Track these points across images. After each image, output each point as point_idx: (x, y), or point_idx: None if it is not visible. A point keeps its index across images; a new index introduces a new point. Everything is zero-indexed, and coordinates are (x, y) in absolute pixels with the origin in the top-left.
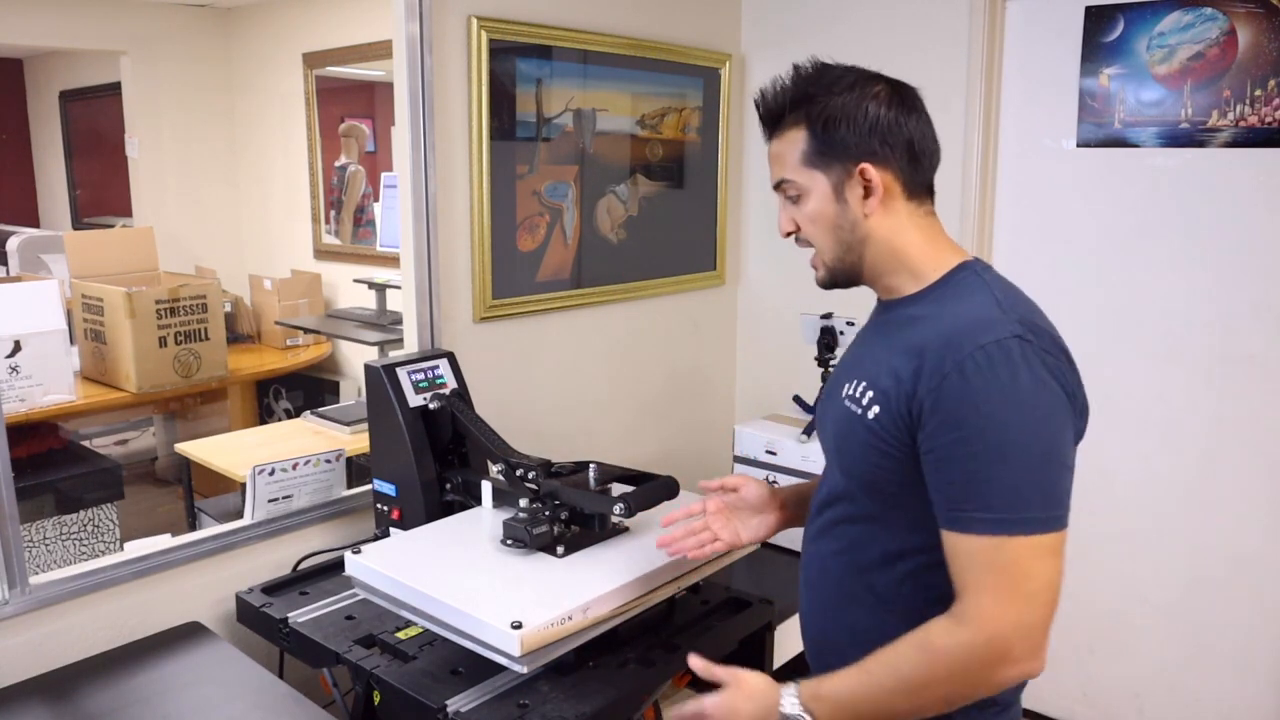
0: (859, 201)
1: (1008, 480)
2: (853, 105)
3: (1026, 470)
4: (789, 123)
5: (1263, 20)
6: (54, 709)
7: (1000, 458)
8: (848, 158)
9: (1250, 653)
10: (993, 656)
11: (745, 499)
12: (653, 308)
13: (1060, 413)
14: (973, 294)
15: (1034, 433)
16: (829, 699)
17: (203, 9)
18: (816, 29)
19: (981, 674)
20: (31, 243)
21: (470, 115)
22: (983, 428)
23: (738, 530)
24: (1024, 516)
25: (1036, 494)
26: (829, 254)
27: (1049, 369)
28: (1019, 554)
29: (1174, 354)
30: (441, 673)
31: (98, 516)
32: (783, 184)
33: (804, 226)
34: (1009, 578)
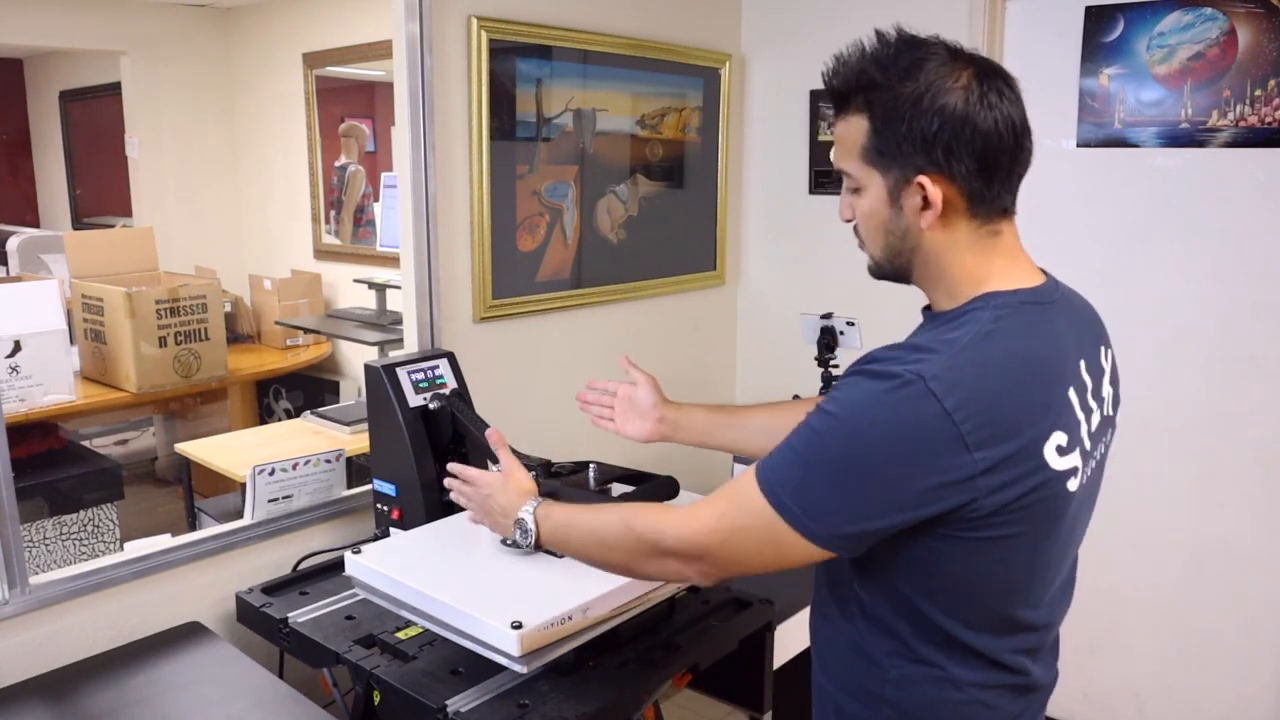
0: (915, 212)
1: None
2: (919, 101)
3: (814, 469)
4: (854, 106)
5: (1263, 20)
6: (54, 709)
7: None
8: (906, 164)
9: (1250, 653)
10: (672, 553)
11: (635, 397)
12: (653, 308)
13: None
14: (959, 328)
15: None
16: (553, 519)
17: (203, 9)
18: (816, 29)
19: (651, 558)
20: (31, 243)
21: (470, 115)
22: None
23: (626, 420)
24: (778, 488)
25: (805, 484)
26: (876, 254)
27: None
28: (754, 511)
29: (1174, 354)
30: (441, 673)
31: (98, 516)
32: (845, 174)
33: (859, 219)
34: (733, 518)
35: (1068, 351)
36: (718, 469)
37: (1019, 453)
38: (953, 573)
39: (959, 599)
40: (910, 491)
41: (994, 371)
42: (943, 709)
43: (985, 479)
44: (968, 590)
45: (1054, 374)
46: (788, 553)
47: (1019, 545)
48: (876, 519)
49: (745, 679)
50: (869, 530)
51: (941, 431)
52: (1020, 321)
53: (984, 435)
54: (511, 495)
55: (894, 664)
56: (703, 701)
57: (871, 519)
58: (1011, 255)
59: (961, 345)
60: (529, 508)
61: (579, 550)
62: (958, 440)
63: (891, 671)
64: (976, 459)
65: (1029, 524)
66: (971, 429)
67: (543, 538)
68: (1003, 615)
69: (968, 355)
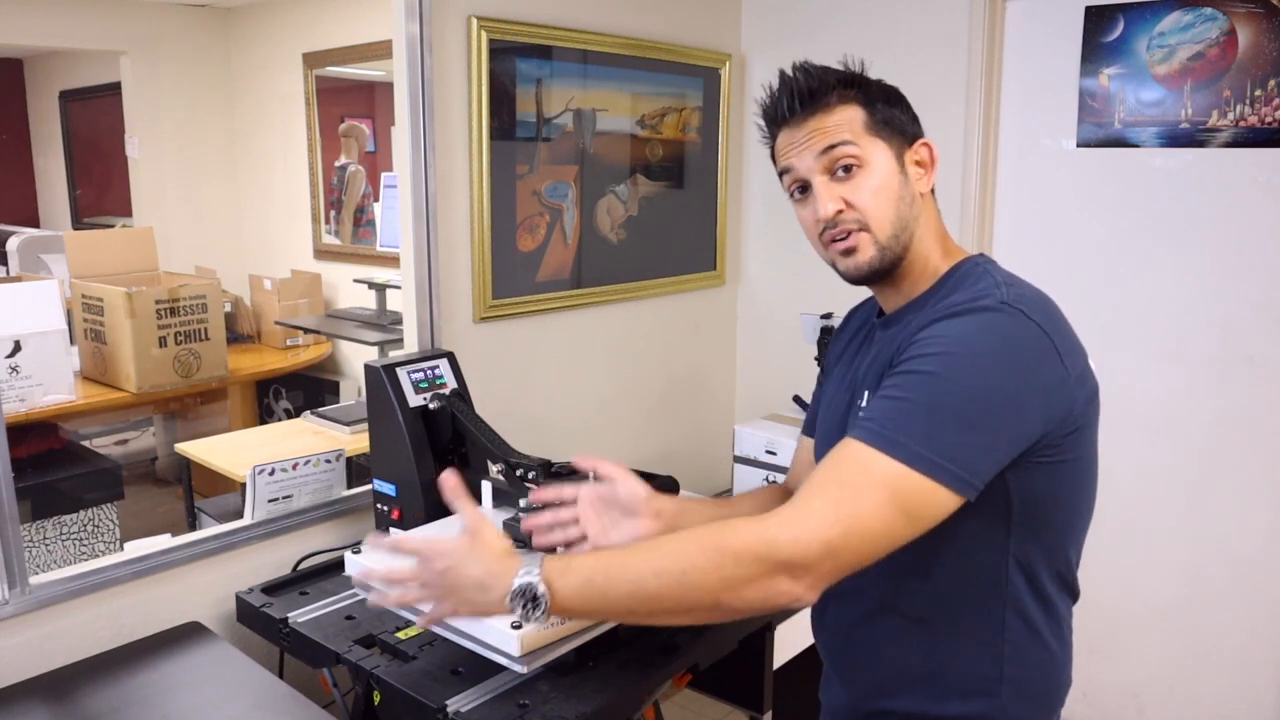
0: (917, 177)
1: (917, 409)
2: (894, 90)
3: (940, 410)
4: (837, 99)
5: (1263, 20)
6: (54, 709)
7: (921, 387)
8: (906, 130)
9: (1250, 653)
10: (785, 565)
11: (617, 497)
12: (653, 308)
13: (1019, 382)
14: (979, 280)
15: (969, 384)
16: (576, 573)
17: (203, 9)
18: (816, 29)
19: (758, 578)
20: (31, 243)
21: (470, 115)
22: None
23: (605, 528)
24: (901, 440)
25: (934, 432)
26: (886, 230)
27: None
28: (879, 476)
29: (1174, 354)
30: (441, 673)
31: (98, 516)
32: (838, 148)
33: (861, 200)
34: (852, 493)
35: None
36: (718, 468)
37: (1086, 365)
38: (1060, 504)
39: (1064, 535)
40: (1031, 405)
41: (1043, 299)
42: (1051, 666)
43: (1076, 387)
44: (1069, 522)
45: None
46: (925, 515)
47: (1090, 461)
48: (1006, 445)
49: (745, 679)
50: (1001, 460)
51: (1041, 343)
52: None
53: (1066, 347)
54: (489, 561)
55: (1011, 639)
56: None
57: (1001, 446)
58: None
59: (1004, 282)
60: (531, 569)
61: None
62: (1053, 352)
63: (1009, 649)
64: (1068, 368)
65: (1094, 438)
66: (1059, 341)
67: (563, 601)
68: (1081, 539)
69: (1017, 289)
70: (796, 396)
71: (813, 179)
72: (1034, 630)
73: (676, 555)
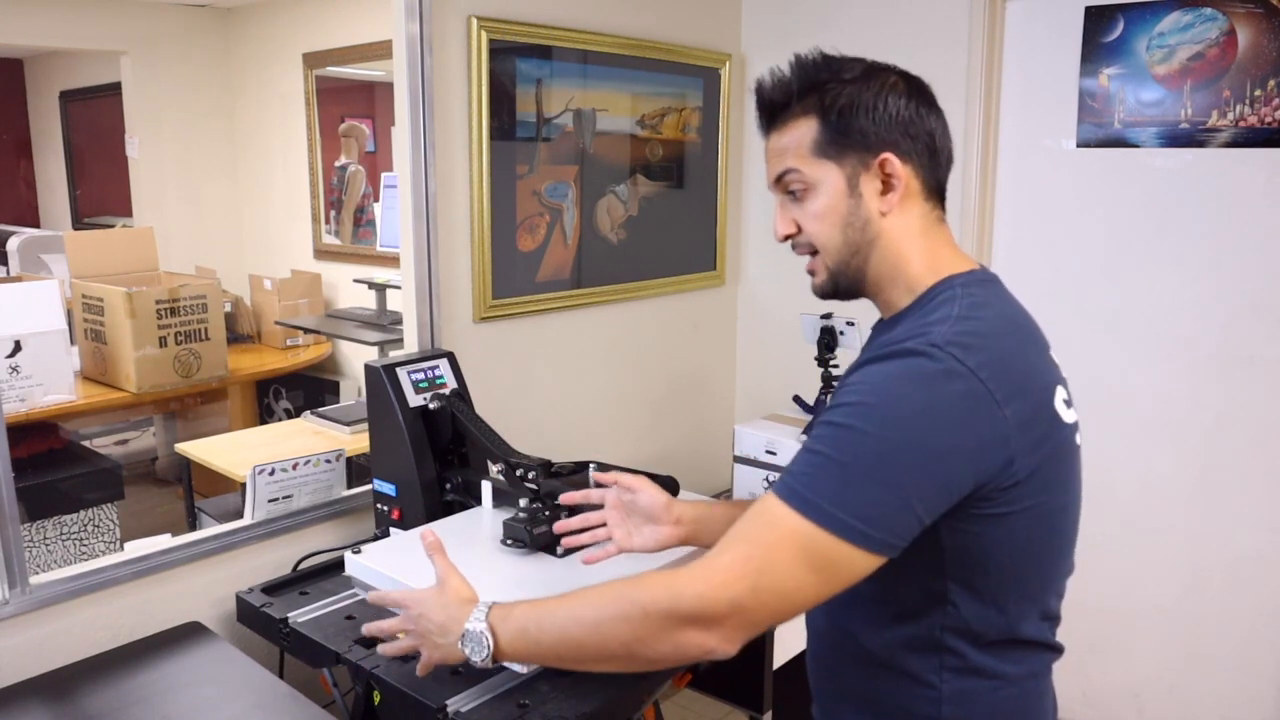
0: (875, 197)
1: (829, 464)
2: (871, 94)
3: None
4: (795, 112)
5: (1263, 20)
6: (54, 709)
7: (835, 441)
8: (866, 148)
9: (1250, 653)
10: (691, 620)
11: (639, 505)
12: (653, 308)
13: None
14: (939, 308)
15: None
16: (514, 620)
17: (203, 9)
18: (816, 29)
19: (667, 633)
20: (31, 243)
21: (470, 115)
22: (848, 416)
23: (630, 533)
24: (811, 497)
25: (846, 490)
26: (834, 256)
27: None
28: (788, 532)
29: (1174, 354)
30: (441, 673)
31: (98, 516)
32: (786, 176)
33: (808, 225)
34: (762, 550)
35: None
36: (718, 468)
37: (1038, 409)
38: (1000, 557)
39: (1009, 583)
40: (956, 461)
41: (995, 335)
42: (1000, 710)
43: (1018, 437)
44: (1018, 570)
45: (1036, 335)
46: (836, 574)
47: (1050, 511)
48: (929, 501)
49: (745, 679)
50: (921, 517)
51: (972, 390)
52: (990, 293)
53: (1008, 391)
54: (451, 608)
55: (947, 679)
56: (703, 701)
57: (924, 502)
58: (952, 244)
59: (956, 317)
60: (478, 614)
61: (557, 647)
62: (988, 397)
63: (945, 689)
64: (1008, 415)
65: (1056, 484)
66: (996, 386)
67: (503, 647)
68: (1043, 591)
69: (966, 324)
70: (796, 396)
71: (775, 197)
72: (979, 675)
73: (595, 605)
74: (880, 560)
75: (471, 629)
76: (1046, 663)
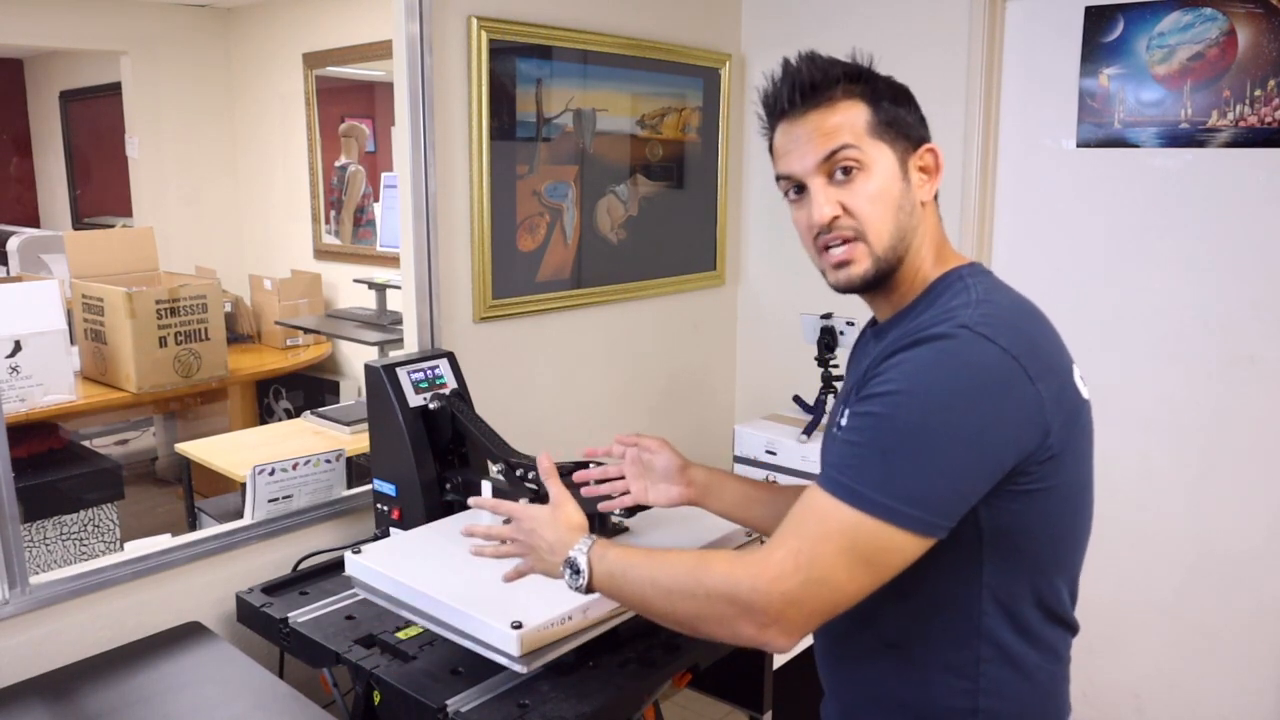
0: (919, 184)
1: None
2: (903, 88)
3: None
4: (842, 94)
5: (1263, 20)
6: (54, 709)
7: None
8: (909, 137)
9: (1250, 653)
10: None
11: (656, 465)
12: (653, 308)
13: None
14: (954, 296)
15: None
16: (610, 562)
17: (203, 9)
18: (816, 29)
19: (726, 615)
20: (31, 243)
21: (470, 115)
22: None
23: (646, 488)
24: (856, 487)
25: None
26: (885, 240)
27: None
28: (836, 525)
29: (1174, 354)
30: (441, 673)
31: (98, 516)
32: (841, 152)
33: (859, 207)
34: (812, 544)
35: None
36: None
37: (1063, 386)
38: (1037, 533)
39: (1041, 563)
40: (999, 436)
41: (1014, 316)
42: (1033, 698)
43: (1052, 411)
44: (1048, 550)
45: (1046, 318)
46: (887, 561)
47: (1077, 487)
48: (974, 479)
49: (745, 679)
50: (967, 496)
51: (1005, 368)
52: (993, 281)
53: (1037, 368)
54: (561, 530)
55: (987, 671)
56: (703, 701)
57: (969, 480)
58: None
59: (977, 300)
60: (582, 546)
61: (635, 601)
62: (1021, 374)
63: (984, 681)
64: (1040, 390)
65: (1082, 460)
66: (1029, 362)
67: (595, 584)
68: (1072, 567)
69: (985, 308)
70: (796, 396)
71: (810, 181)
72: (1013, 663)
73: (670, 575)
74: (929, 543)
75: (574, 558)
76: (1069, 642)
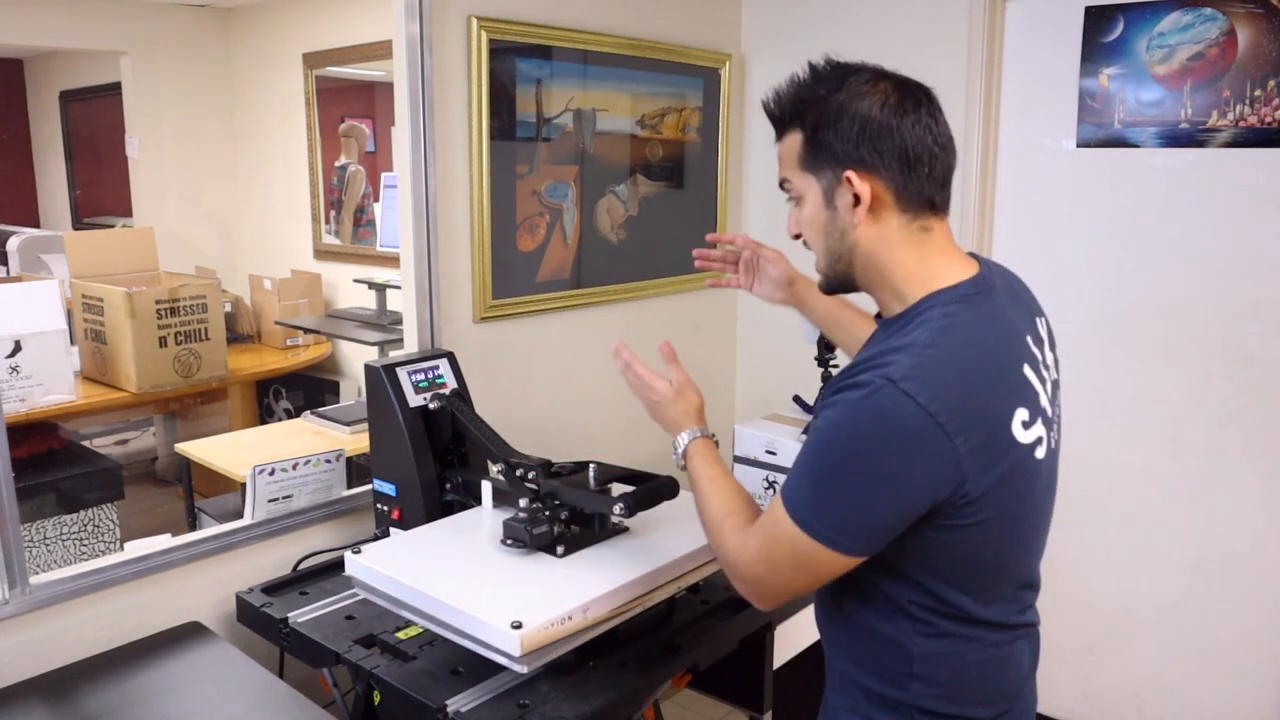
0: (848, 210)
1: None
2: (841, 108)
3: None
4: (790, 125)
5: (1263, 20)
6: (54, 709)
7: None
8: (835, 163)
9: (1250, 653)
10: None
11: (768, 272)
12: (653, 308)
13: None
14: (910, 332)
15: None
16: (693, 465)
17: (203, 9)
18: (816, 29)
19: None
20: (31, 243)
21: (470, 115)
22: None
23: (754, 281)
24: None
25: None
26: (821, 260)
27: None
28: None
29: (1174, 354)
30: (441, 673)
31: (98, 516)
32: (783, 184)
33: (801, 230)
34: (770, 545)
35: (1016, 330)
36: None
37: (992, 435)
38: (960, 558)
39: (970, 578)
40: (911, 485)
41: (956, 363)
42: (968, 671)
43: (969, 463)
44: (976, 570)
45: (1009, 355)
46: (821, 570)
47: (1009, 521)
48: (889, 517)
49: (745, 679)
50: (886, 528)
51: (921, 425)
52: (970, 312)
53: (959, 423)
54: (680, 411)
55: (917, 643)
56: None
57: (882, 518)
58: (946, 252)
59: (923, 344)
60: (685, 437)
61: (697, 506)
62: (937, 430)
63: (916, 650)
64: (958, 444)
65: (1012, 498)
66: (947, 419)
67: (687, 469)
68: (1009, 583)
69: (930, 353)
70: (796, 396)
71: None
72: (947, 639)
73: (707, 511)
74: (856, 561)
75: (678, 442)
76: (1015, 636)
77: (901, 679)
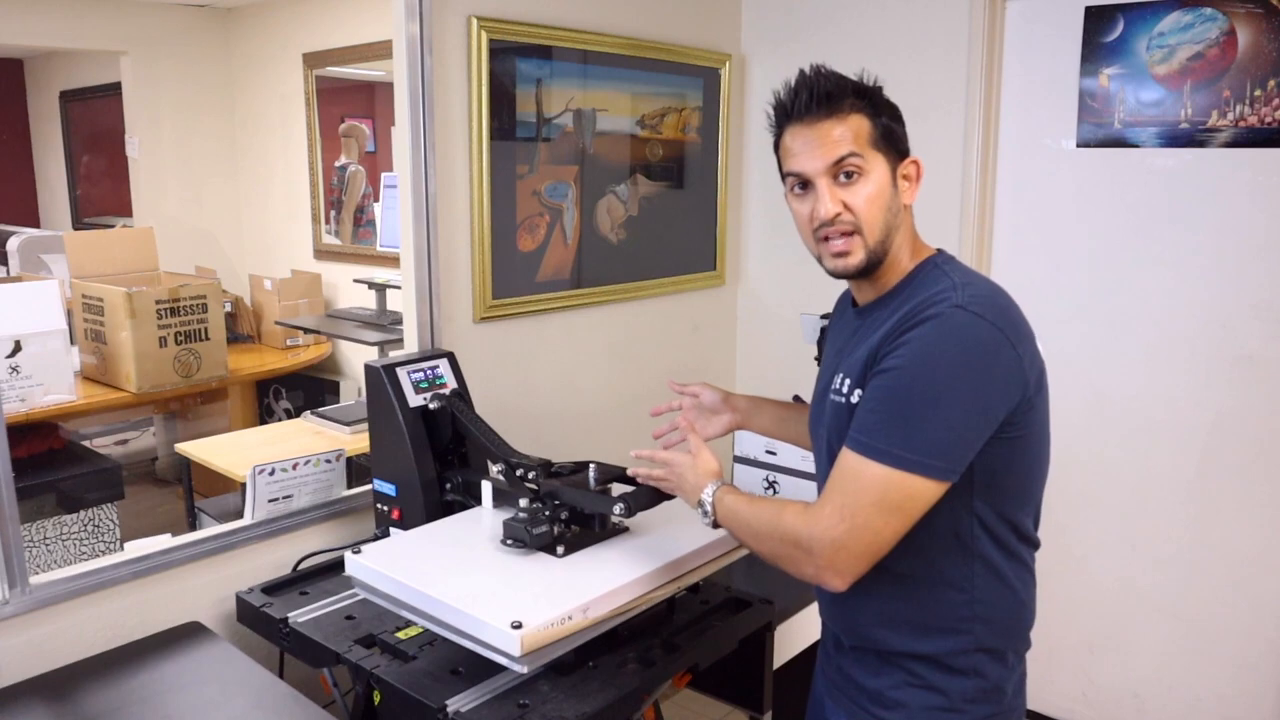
0: (904, 190)
1: (893, 417)
2: (893, 104)
3: (912, 415)
4: (850, 106)
5: (1263, 20)
6: (54, 709)
7: (894, 397)
8: (898, 150)
9: (1250, 653)
10: (807, 552)
11: (704, 403)
12: (653, 308)
13: (978, 376)
14: (936, 281)
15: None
16: (725, 505)
17: (203, 9)
18: (816, 29)
19: (795, 556)
20: (31, 243)
21: (470, 115)
22: (900, 376)
23: (704, 426)
24: (884, 447)
25: (911, 434)
26: (876, 234)
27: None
28: (869, 481)
29: (1173, 354)
30: (441, 673)
31: (98, 516)
32: (848, 159)
33: (858, 206)
34: (851, 498)
35: None
36: None
37: (1034, 349)
38: (1018, 470)
39: (1024, 493)
40: (994, 395)
41: (993, 292)
42: (1012, 603)
43: (1028, 369)
44: (1028, 481)
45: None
46: (913, 507)
47: (1044, 430)
48: (975, 432)
49: (745, 679)
50: (976, 443)
51: (994, 339)
52: (961, 266)
53: (1016, 335)
54: (700, 475)
55: (977, 583)
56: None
57: (971, 433)
58: None
59: (959, 283)
60: (709, 491)
61: (741, 538)
62: (1005, 342)
63: (977, 589)
64: (1020, 354)
65: (1044, 403)
66: (1010, 332)
67: (719, 519)
68: (1037, 498)
69: (970, 288)
70: (796, 396)
71: (817, 180)
72: (999, 577)
73: (760, 520)
74: (944, 487)
75: (703, 500)
76: (1034, 556)
77: (965, 624)
